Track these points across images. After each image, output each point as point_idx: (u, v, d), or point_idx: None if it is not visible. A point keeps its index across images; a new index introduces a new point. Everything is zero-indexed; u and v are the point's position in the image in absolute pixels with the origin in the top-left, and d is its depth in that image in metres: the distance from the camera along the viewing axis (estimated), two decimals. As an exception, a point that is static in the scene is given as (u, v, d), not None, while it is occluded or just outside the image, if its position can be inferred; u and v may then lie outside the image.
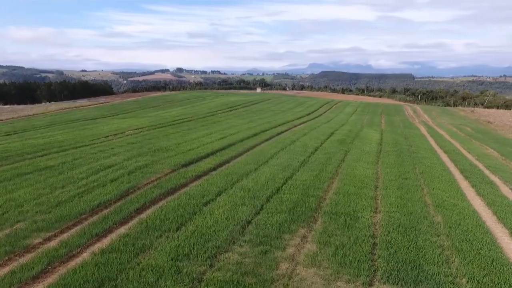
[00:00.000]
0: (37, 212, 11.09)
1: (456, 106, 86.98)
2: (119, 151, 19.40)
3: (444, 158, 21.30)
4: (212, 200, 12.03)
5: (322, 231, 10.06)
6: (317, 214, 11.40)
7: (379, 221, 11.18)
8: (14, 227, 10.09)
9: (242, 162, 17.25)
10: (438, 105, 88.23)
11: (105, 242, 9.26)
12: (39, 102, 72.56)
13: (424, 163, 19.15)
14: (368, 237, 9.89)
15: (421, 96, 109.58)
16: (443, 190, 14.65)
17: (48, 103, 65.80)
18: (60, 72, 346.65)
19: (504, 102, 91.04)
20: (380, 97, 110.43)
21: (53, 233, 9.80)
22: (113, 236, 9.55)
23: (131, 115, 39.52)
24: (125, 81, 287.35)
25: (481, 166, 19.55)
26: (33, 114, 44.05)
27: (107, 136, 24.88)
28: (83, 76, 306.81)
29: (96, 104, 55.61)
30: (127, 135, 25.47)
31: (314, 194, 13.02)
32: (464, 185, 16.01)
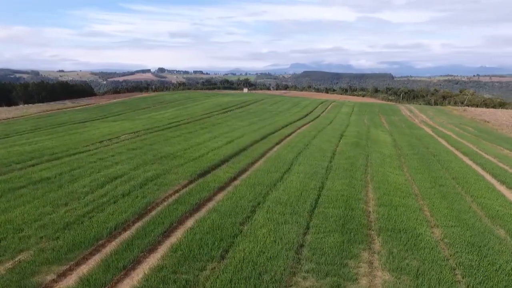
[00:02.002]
0: (42, 237, 9.23)
1: (437, 104, 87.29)
2: (121, 158, 17.47)
3: (467, 161, 20.35)
4: (249, 217, 10.42)
5: (388, 255, 8.64)
6: (372, 231, 10.00)
7: (442, 238, 9.88)
8: (17, 259, 8.24)
9: (263, 169, 15.67)
10: (420, 104, 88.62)
11: (136, 277, 7.53)
12: (16, 104, 68.57)
13: (452, 167, 18.07)
14: (443, 260, 8.54)
15: (402, 95, 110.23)
16: (488, 198, 13.53)
17: (26, 105, 62.18)
18: (36, 73, 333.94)
19: (483, 101, 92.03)
20: (363, 96, 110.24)
21: (68, 266, 8.00)
22: (144, 268, 7.83)
23: (122, 118, 37.19)
24: (105, 82, 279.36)
25: (509, 169, 18.65)
26: (12, 117, 41.00)
27: (101, 141, 22.80)
28: (61, 76, 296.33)
29: (80, 106, 52.66)
30: (123, 140, 23.43)
31: (358, 207, 11.61)
32: (504, 190, 14.98)
